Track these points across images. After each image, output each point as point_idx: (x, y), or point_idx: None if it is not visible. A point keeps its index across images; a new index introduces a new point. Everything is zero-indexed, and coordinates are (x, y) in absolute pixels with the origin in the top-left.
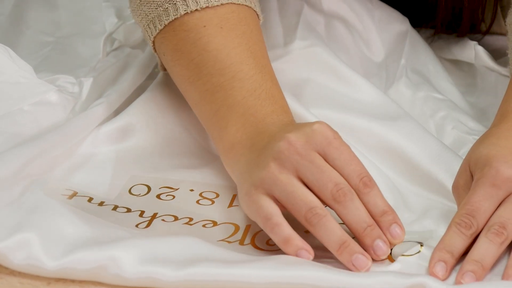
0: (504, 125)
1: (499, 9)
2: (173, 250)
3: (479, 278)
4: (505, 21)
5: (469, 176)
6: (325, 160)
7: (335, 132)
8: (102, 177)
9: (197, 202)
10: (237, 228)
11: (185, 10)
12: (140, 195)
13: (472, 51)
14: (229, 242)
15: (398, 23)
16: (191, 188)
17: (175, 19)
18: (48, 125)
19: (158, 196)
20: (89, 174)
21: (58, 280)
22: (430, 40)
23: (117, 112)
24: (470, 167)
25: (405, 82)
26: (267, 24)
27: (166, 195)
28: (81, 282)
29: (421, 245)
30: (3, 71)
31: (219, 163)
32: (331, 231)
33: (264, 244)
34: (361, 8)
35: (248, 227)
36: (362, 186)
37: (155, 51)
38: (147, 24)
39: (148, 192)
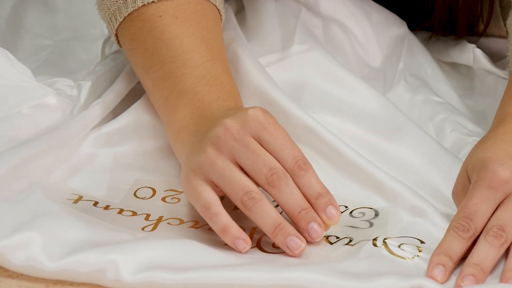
0: (501, 129)
1: (498, 9)
2: (174, 255)
3: (479, 281)
4: (505, 23)
5: (467, 181)
6: (261, 144)
7: (270, 117)
8: (105, 180)
9: None
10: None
11: (142, 2)
12: (145, 198)
13: (471, 54)
14: None
15: (396, 27)
16: None
17: (133, 10)
18: (47, 128)
19: (163, 199)
20: (91, 176)
21: (57, 282)
22: (427, 43)
23: (115, 113)
24: (468, 172)
25: (403, 86)
26: (265, 28)
27: (171, 198)
28: (79, 285)
29: (420, 250)
30: (1, 75)
31: None
32: (266, 214)
33: (270, 247)
34: (359, 12)
35: (253, 230)
36: (297, 169)
37: (118, 43)
38: (109, 17)
39: (153, 195)
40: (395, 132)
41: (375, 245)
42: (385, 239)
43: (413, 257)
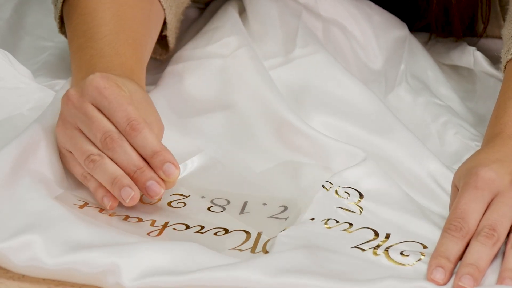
0: (488, 146)
1: (498, 9)
2: (176, 259)
3: (476, 279)
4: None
5: (457, 192)
6: (98, 109)
7: (108, 82)
8: None
9: (208, 209)
10: (248, 235)
11: None
12: (151, 203)
13: (471, 57)
14: (240, 250)
15: (397, 29)
16: (202, 195)
17: None
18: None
19: (169, 204)
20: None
21: (58, 284)
22: (426, 45)
23: None
24: (456, 184)
25: (405, 88)
26: (267, 31)
27: (177, 202)
28: (81, 286)
29: (423, 254)
30: (2, 76)
31: (229, 169)
32: (104, 172)
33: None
34: (359, 14)
35: (259, 235)
36: (129, 130)
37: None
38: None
39: (159, 200)
40: (389, 133)
41: (375, 254)
42: (386, 248)
43: (414, 264)
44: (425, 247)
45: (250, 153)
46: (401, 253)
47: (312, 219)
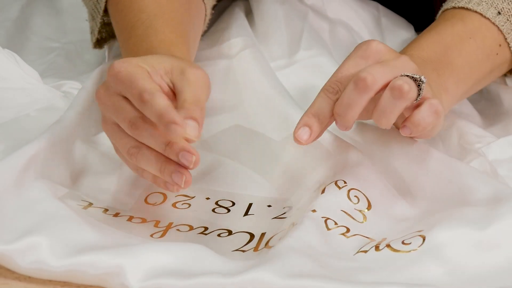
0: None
1: None
2: (182, 260)
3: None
4: None
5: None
6: (123, 96)
7: (123, 65)
8: (113, 185)
9: (213, 210)
10: (252, 236)
11: None
12: (156, 204)
13: None
14: (243, 251)
15: (404, 30)
16: (207, 196)
17: None
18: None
19: (174, 205)
20: (99, 181)
21: (64, 285)
22: None
23: None
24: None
25: None
26: (272, 33)
27: (182, 203)
28: (87, 287)
29: (422, 236)
30: (9, 77)
31: (235, 171)
32: (147, 163)
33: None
34: (367, 15)
35: (262, 235)
36: (140, 103)
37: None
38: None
39: (164, 201)
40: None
41: (378, 249)
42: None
43: (417, 248)
44: (420, 230)
45: (257, 152)
46: (403, 242)
47: (314, 210)
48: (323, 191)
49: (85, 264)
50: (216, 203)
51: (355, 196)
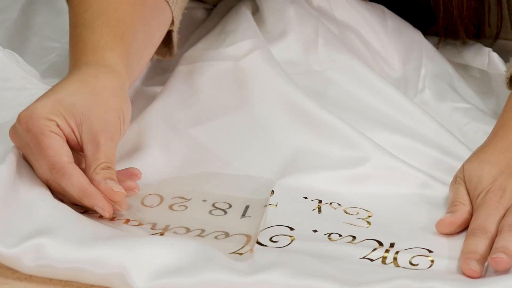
0: (496, 138)
1: (506, 13)
2: (184, 260)
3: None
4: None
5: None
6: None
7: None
8: None
9: (210, 212)
10: (249, 238)
11: None
12: (152, 206)
13: (485, 58)
14: (240, 254)
15: (411, 33)
16: (204, 199)
17: None
18: None
19: (170, 207)
20: None
21: (65, 284)
22: (438, 48)
23: None
24: (465, 180)
25: (428, 93)
26: (286, 31)
27: (179, 206)
28: (88, 287)
29: (432, 261)
30: (10, 77)
31: (232, 173)
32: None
33: (267, 241)
34: (373, 18)
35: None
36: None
37: None
38: None
39: (160, 203)
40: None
41: (384, 263)
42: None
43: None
44: (430, 251)
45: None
46: (410, 262)
47: (315, 231)
48: (319, 211)
49: (89, 263)
50: (213, 205)
51: (353, 210)
